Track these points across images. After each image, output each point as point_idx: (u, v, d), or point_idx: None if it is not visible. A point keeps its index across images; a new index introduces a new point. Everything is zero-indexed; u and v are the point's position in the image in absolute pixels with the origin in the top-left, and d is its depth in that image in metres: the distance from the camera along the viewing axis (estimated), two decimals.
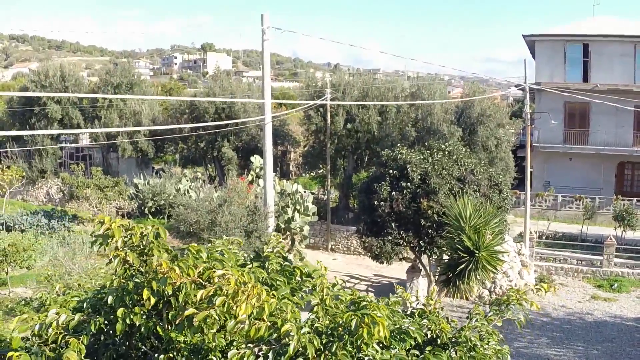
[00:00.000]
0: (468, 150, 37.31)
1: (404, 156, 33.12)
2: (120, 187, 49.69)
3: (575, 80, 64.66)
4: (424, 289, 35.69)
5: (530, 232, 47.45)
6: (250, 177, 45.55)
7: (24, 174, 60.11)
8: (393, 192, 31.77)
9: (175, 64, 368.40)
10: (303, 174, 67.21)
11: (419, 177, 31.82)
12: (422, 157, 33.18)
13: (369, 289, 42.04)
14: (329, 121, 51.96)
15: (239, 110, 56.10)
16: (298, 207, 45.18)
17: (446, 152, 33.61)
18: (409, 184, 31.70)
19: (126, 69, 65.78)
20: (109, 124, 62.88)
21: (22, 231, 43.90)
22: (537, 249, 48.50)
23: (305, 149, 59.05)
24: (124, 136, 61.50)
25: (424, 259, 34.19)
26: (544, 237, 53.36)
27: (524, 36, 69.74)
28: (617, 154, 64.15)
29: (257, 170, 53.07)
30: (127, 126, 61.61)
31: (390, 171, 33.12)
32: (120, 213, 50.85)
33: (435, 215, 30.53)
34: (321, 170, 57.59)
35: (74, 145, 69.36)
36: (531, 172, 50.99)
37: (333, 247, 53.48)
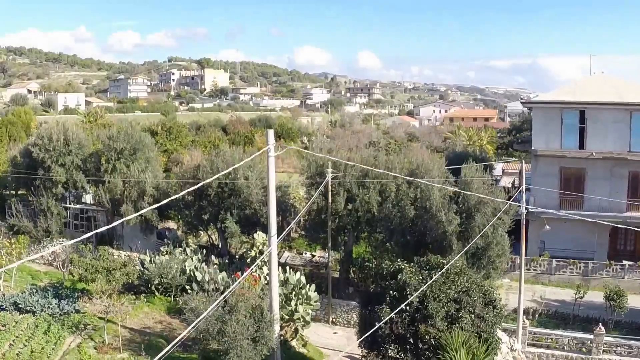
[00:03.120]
0: (465, 264, 38.47)
1: (403, 277, 34.28)
2: (129, 268, 50.43)
3: (572, 147, 65.70)
4: None
5: (524, 321, 48.21)
6: (256, 272, 46.06)
7: (29, 241, 61.29)
8: (393, 315, 32.79)
9: (173, 80, 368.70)
10: (303, 238, 67.91)
11: (418, 299, 32.99)
12: (420, 277, 34.32)
13: None
14: (330, 200, 53.03)
15: (242, 185, 57.02)
16: (300, 297, 46.01)
17: (444, 271, 34.59)
18: (408, 307, 32.88)
19: (129, 134, 66.42)
20: (114, 188, 63.90)
21: (34, 313, 44.56)
22: (530, 328, 49.31)
23: (307, 222, 59.87)
24: (128, 204, 62.44)
25: None
26: (537, 315, 54.32)
27: (521, 102, 70.92)
28: (611, 220, 64.94)
29: (260, 246, 54.15)
30: (131, 193, 62.68)
31: (391, 292, 34.27)
32: (126, 286, 51.40)
33: (432, 340, 31.85)
34: (322, 236, 58.19)
35: (78, 206, 70.12)
36: (525, 236, 51.66)
37: (334, 319, 54.30)
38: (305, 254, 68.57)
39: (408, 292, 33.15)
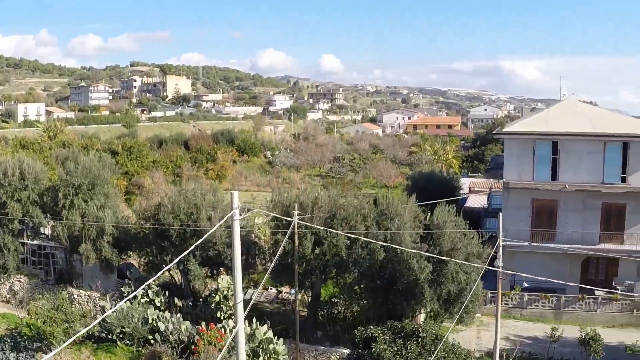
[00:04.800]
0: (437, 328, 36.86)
1: (377, 348, 32.62)
2: (88, 320, 48.71)
3: (544, 179, 64.52)
4: None
5: None
6: (221, 327, 44.22)
7: None
8: None
9: (135, 87, 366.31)
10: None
11: None
12: (395, 349, 32.68)
13: None
14: (296, 243, 51.14)
15: (205, 225, 54.99)
16: (268, 352, 44.39)
17: (418, 338, 32.99)
18: None
19: (87, 167, 64.05)
20: (72, 225, 61.65)
21: None
22: None
23: (272, 265, 58.05)
24: (87, 242, 60.24)
25: None
26: (511, 359, 52.89)
27: (493, 133, 69.70)
28: (584, 253, 63.96)
29: (225, 292, 52.28)
30: (90, 230, 60.42)
31: None
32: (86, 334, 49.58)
33: None
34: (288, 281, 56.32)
35: (35, 242, 67.95)
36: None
37: None
38: (271, 289, 66.71)
39: None
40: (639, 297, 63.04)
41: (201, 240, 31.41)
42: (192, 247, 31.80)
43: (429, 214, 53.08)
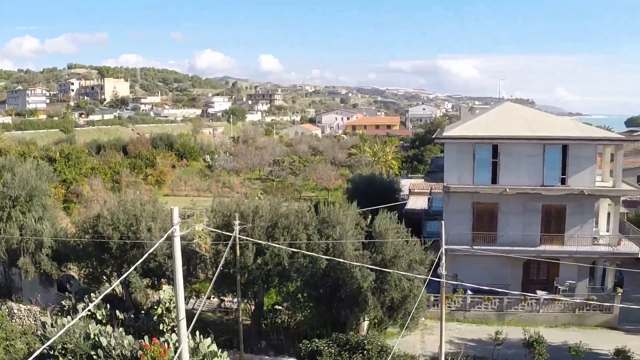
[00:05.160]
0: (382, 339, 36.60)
1: None
2: (28, 337, 47.74)
3: (484, 182, 64.64)
4: None
5: None
6: (164, 341, 43.50)
7: None
8: None
9: (72, 90, 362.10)
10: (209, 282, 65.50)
11: None
12: None
13: None
14: (238, 253, 50.64)
15: (144, 238, 54.25)
16: None
17: (364, 351, 32.71)
18: None
19: (24, 179, 62.88)
20: (10, 238, 60.51)
21: None
22: None
23: (214, 276, 57.48)
24: (26, 256, 59.14)
25: None
26: None
27: (434, 138, 69.72)
28: (525, 255, 64.24)
29: (167, 304, 51.56)
30: (28, 243, 59.31)
31: None
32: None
33: None
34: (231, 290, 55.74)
35: None
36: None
37: None
38: (213, 298, 66.08)
39: None
40: (581, 297, 63.53)
41: (143, 258, 30.90)
42: (134, 266, 31.17)
43: (370, 217, 52.93)
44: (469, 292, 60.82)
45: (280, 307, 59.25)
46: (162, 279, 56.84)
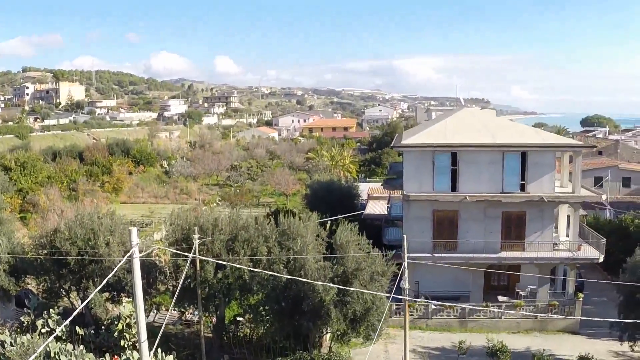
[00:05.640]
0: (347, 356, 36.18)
1: None
2: None
3: (444, 189, 64.51)
4: None
5: None
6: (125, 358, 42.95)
7: None
8: None
9: (27, 94, 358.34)
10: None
11: None
12: None
13: None
14: (198, 268, 50.10)
15: (103, 252, 53.47)
16: None
17: None
18: None
19: None
20: None
21: None
22: None
23: (176, 292, 56.85)
24: None
25: None
26: None
27: (393, 146, 69.43)
28: (486, 262, 64.30)
29: (127, 319, 51.01)
30: None
31: None
32: None
33: None
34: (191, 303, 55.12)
35: None
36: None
37: None
38: (174, 310, 65.41)
39: None
40: (542, 302, 63.69)
41: (104, 282, 30.26)
42: (96, 290, 30.55)
43: (329, 224, 52.63)
44: (432, 304, 60.60)
45: (241, 319, 58.76)
46: (122, 293, 56.10)
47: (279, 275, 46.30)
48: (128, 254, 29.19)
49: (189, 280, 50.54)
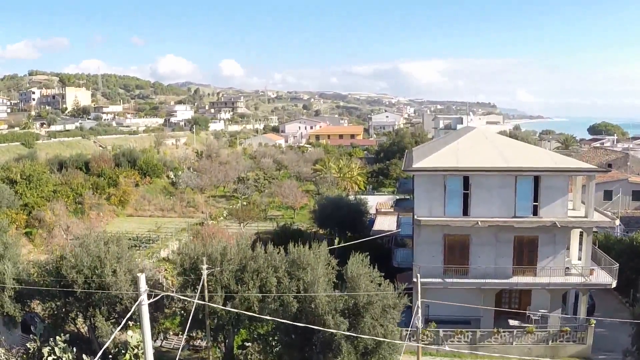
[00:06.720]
0: None
1: None
2: None
3: (456, 214, 63.51)
4: None
5: None
6: None
7: None
8: None
9: (34, 99, 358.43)
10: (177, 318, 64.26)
11: None
12: None
13: None
14: (207, 299, 49.36)
15: (110, 281, 52.73)
16: None
17: None
18: None
19: None
20: None
21: None
22: None
23: (182, 314, 56.39)
24: None
25: None
26: None
27: (404, 170, 68.65)
28: (497, 287, 63.62)
29: (135, 350, 50.37)
30: None
31: None
32: None
33: None
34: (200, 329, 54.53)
35: None
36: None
37: None
38: (181, 335, 64.83)
39: None
40: (554, 328, 62.93)
41: (118, 329, 29.52)
42: (108, 340, 29.84)
43: (338, 241, 51.91)
44: (441, 331, 59.87)
45: (249, 345, 58.04)
46: (129, 322, 55.44)
47: (290, 310, 45.50)
48: (137, 303, 28.62)
49: (197, 311, 49.89)
